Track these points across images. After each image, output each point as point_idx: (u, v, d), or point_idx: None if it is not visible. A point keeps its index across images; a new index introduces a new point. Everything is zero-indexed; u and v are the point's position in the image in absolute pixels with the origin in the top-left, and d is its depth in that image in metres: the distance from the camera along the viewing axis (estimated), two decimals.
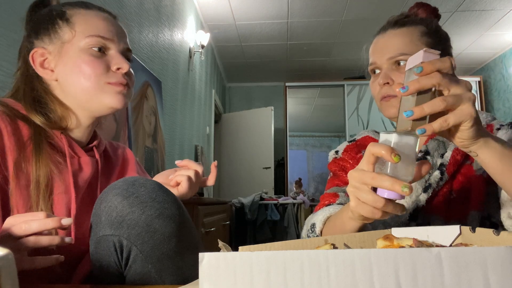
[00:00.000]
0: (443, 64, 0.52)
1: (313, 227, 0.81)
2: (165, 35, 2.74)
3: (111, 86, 0.76)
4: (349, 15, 3.91)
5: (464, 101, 0.51)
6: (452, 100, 0.51)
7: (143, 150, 2.22)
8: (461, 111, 0.51)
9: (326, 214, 0.80)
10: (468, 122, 0.52)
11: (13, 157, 0.67)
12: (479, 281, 0.31)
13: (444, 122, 0.52)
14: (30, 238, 0.56)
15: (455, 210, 0.81)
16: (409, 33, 0.84)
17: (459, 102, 0.51)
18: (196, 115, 3.81)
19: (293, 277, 0.32)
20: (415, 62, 0.56)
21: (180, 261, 0.66)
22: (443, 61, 0.53)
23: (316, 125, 8.25)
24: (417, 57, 0.56)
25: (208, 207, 2.50)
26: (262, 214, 4.26)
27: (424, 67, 0.52)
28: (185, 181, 0.82)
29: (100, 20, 0.77)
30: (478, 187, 0.80)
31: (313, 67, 5.50)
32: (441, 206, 0.82)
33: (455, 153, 0.83)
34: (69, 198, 0.73)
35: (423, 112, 0.51)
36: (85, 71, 0.74)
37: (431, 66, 0.52)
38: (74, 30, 0.75)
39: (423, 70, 0.52)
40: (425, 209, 0.82)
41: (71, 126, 0.78)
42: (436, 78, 0.52)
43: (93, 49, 0.75)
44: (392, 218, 0.83)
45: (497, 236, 0.47)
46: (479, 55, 4.93)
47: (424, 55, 0.54)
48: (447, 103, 0.51)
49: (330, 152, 1.03)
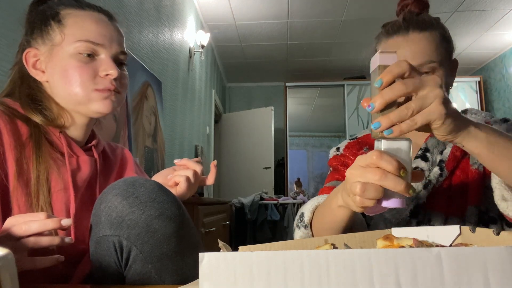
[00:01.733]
0: (400, 69, 0.51)
1: (301, 216, 0.80)
2: (165, 35, 2.74)
3: (98, 93, 0.75)
4: (349, 15, 3.91)
5: (431, 100, 0.50)
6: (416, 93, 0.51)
7: (143, 150, 2.22)
8: (429, 110, 0.50)
9: (314, 203, 0.79)
10: (438, 120, 0.51)
11: (13, 155, 0.68)
12: (479, 281, 0.31)
13: (412, 121, 0.50)
14: (30, 239, 0.56)
15: (454, 205, 0.81)
16: (433, 38, 0.82)
17: (426, 102, 0.50)
18: (196, 115, 3.81)
19: (293, 277, 0.32)
20: (374, 65, 0.54)
21: (180, 261, 0.66)
22: (399, 65, 0.51)
23: (316, 125, 8.25)
24: (375, 60, 0.54)
25: (208, 207, 2.50)
26: (262, 214, 4.26)
27: (383, 78, 0.51)
28: (183, 181, 0.81)
29: (92, 24, 0.76)
30: (475, 182, 0.81)
31: (313, 67, 5.50)
32: (441, 202, 0.82)
33: (454, 149, 0.83)
34: (68, 196, 0.73)
35: (390, 122, 0.50)
36: (72, 77, 0.73)
37: (390, 76, 0.51)
38: (64, 33, 0.74)
39: (383, 83, 0.51)
40: (426, 205, 0.82)
41: (67, 124, 0.78)
42: (398, 89, 0.50)
43: (82, 55, 0.74)
44: (392, 215, 0.83)
45: (497, 236, 0.47)
46: (479, 55, 4.93)
47: (381, 57, 0.52)
48: (407, 87, 0.50)
49: (331, 150, 1.03)
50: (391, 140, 0.53)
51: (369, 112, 0.52)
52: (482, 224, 0.79)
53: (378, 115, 0.52)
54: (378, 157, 0.51)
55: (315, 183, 8.32)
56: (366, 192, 0.53)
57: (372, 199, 0.53)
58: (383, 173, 0.51)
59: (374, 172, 0.52)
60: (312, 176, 8.44)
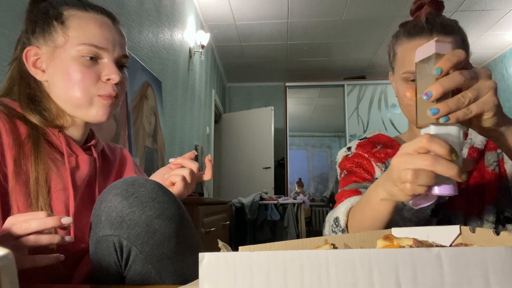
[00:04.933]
0: (459, 58, 0.51)
1: (336, 221, 0.78)
2: (165, 35, 2.74)
3: (99, 99, 0.75)
4: (349, 15, 3.91)
5: (485, 90, 0.51)
6: (472, 85, 0.51)
7: (143, 150, 2.22)
8: (483, 100, 0.51)
9: (347, 205, 0.77)
10: (491, 111, 0.52)
11: (12, 155, 0.68)
12: (479, 281, 0.31)
13: (467, 110, 0.51)
14: (30, 237, 0.56)
15: (472, 205, 0.83)
16: (456, 44, 0.82)
17: (481, 93, 0.51)
18: (196, 115, 3.81)
19: (293, 277, 0.32)
20: (426, 52, 0.54)
21: (180, 261, 0.66)
22: (458, 54, 0.51)
23: (316, 125, 8.26)
24: (429, 48, 0.53)
25: (208, 207, 2.50)
26: (262, 214, 4.26)
27: (442, 67, 0.51)
28: (180, 181, 0.81)
29: (96, 27, 0.75)
30: (492, 182, 0.83)
31: (313, 67, 5.51)
32: (461, 201, 0.83)
33: (471, 151, 0.85)
34: (67, 196, 0.73)
35: (448, 109, 0.50)
36: (74, 80, 0.73)
37: (449, 64, 0.51)
38: (67, 35, 0.74)
39: (443, 71, 0.51)
40: (446, 205, 0.83)
41: (66, 124, 0.78)
42: (457, 79, 0.51)
43: (85, 58, 0.74)
44: (413, 213, 0.82)
45: (497, 236, 0.47)
46: (479, 55, 4.93)
47: (437, 45, 0.52)
48: (465, 77, 0.51)
49: (340, 151, 1.00)
50: (441, 126, 0.52)
51: (424, 100, 0.52)
52: (499, 223, 0.81)
53: (427, 105, 0.52)
54: (428, 140, 0.50)
55: (315, 183, 8.32)
56: (418, 179, 0.51)
57: (424, 185, 0.52)
58: (435, 158, 0.49)
59: (424, 157, 0.50)
60: (312, 176, 8.44)
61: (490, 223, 0.80)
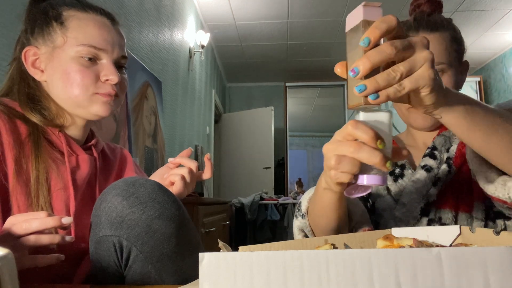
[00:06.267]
0: (389, 25, 0.44)
1: (299, 206, 0.79)
2: (165, 35, 2.74)
3: (98, 96, 0.76)
4: None
5: (420, 63, 0.45)
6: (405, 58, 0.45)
7: (143, 150, 2.22)
8: (418, 75, 0.45)
9: (311, 191, 0.77)
10: (427, 87, 0.45)
11: (12, 154, 0.68)
12: (479, 281, 0.31)
13: (400, 86, 0.45)
14: (30, 237, 0.56)
15: (462, 202, 0.82)
16: (443, 39, 0.81)
17: (415, 66, 0.45)
18: (196, 115, 3.81)
19: (293, 277, 0.32)
20: (355, 20, 0.47)
21: (180, 261, 0.66)
22: (388, 20, 0.44)
23: (316, 125, 8.26)
24: (357, 14, 0.46)
25: (208, 207, 2.50)
26: (262, 214, 4.26)
27: (370, 37, 0.44)
28: (179, 180, 0.81)
29: (95, 28, 0.76)
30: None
31: (313, 67, 5.50)
32: (451, 199, 0.82)
33: (460, 146, 0.84)
34: (67, 195, 0.73)
35: (376, 85, 0.44)
36: (73, 80, 0.73)
37: (378, 32, 0.44)
38: (66, 36, 0.74)
39: (371, 42, 0.44)
40: (436, 203, 0.82)
41: (66, 124, 0.78)
42: (387, 51, 0.44)
43: (84, 59, 0.74)
44: (403, 213, 0.82)
45: (497, 236, 0.47)
46: (479, 55, 4.93)
47: (365, 11, 0.45)
48: (396, 49, 0.44)
49: None
50: (370, 112, 0.49)
51: (352, 77, 0.46)
52: (489, 220, 0.79)
53: (356, 81, 0.45)
54: (353, 126, 0.48)
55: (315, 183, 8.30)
56: (341, 165, 0.49)
57: (348, 172, 0.49)
58: (358, 145, 0.47)
59: (348, 144, 0.48)
60: (312, 176, 8.44)
61: (480, 220, 0.79)
